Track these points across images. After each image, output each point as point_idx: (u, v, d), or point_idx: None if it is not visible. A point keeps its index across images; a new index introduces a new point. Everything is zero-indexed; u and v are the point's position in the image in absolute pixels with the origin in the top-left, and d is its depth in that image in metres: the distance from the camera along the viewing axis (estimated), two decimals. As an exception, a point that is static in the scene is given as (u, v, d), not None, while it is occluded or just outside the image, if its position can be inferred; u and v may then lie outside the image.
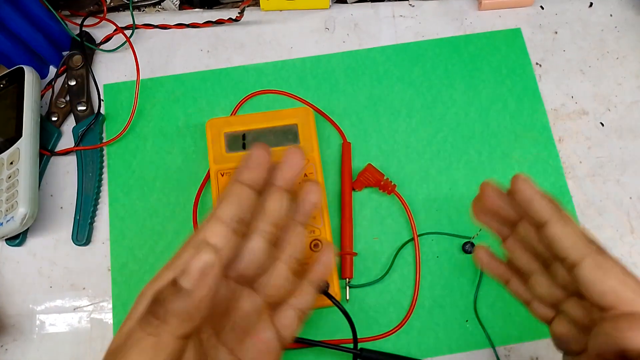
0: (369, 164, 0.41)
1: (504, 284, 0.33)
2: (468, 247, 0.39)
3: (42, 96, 0.44)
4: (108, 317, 0.39)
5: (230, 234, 0.25)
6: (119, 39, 0.46)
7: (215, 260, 0.22)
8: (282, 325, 0.29)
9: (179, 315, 0.22)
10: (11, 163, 0.39)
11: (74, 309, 0.40)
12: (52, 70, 0.47)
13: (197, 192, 0.41)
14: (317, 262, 0.31)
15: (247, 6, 0.46)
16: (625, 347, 0.24)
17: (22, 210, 0.38)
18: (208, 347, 0.26)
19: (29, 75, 0.42)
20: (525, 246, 0.31)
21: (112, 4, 0.48)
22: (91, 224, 0.41)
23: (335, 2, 0.48)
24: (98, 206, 0.42)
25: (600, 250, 0.27)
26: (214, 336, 0.27)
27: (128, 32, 0.46)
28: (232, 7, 0.49)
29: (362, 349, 0.37)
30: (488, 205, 0.31)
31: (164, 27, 0.47)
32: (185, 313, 0.22)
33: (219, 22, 0.47)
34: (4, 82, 0.42)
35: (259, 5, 0.48)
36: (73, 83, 0.45)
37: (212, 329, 0.27)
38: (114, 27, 0.46)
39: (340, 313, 0.34)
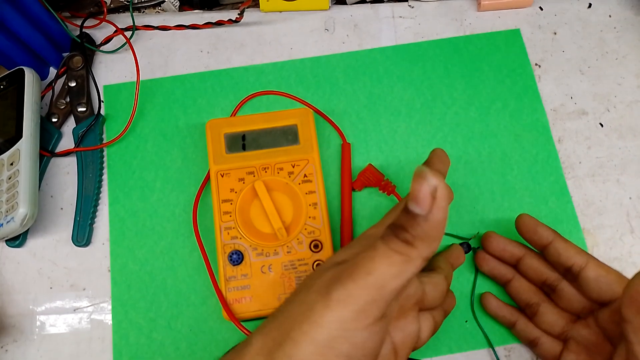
0: (370, 164, 0.41)
1: (510, 327, 0.37)
2: (465, 248, 0.39)
3: (42, 97, 0.44)
4: (108, 318, 0.39)
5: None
6: (119, 40, 0.46)
7: (441, 182, 0.22)
8: (422, 327, 0.31)
9: (424, 239, 0.23)
10: (11, 164, 0.40)
11: (74, 310, 0.40)
12: (52, 71, 0.47)
13: (197, 192, 0.41)
14: (449, 297, 0.35)
15: (247, 7, 0.46)
16: None
17: (22, 211, 0.38)
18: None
19: (29, 76, 0.42)
20: (530, 279, 0.36)
21: (112, 5, 0.49)
22: (91, 224, 0.41)
23: (335, 3, 0.49)
24: (98, 207, 0.42)
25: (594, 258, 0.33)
26: None
27: (128, 33, 0.46)
28: (232, 8, 0.49)
29: (362, 349, 0.37)
30: (494, 248, 0.37)
31: (163, 28, 0.47)
32: (428, 236, 0.23)
33: (219, 23, 0.47)
34: (4, 83, 0.42)
35: (259, 7, 0.48)
36: (73, 84, 0.45)
37: None
38: (114, 29, 0.46)
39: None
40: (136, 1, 0.49)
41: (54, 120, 0.44)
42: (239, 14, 0.46)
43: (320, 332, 0.24)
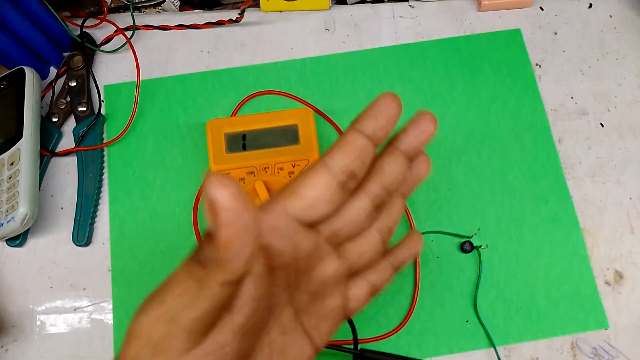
0: (369, 164, 0.41)
1: None
2: (467, 247, 0.39)
3: (42, 97, 0.44)
4: (108, 318, 0.39)
5: (335, 186, 0.23)
6: (119, 39, 0.46)
7: (226, 192, 0.19)
8: (352, 295, 0.27)
9: (216, 261, 0.20)
10: (12, 163, 0.40)
11: (75, 310, 0.40)
12: (53, 70, 0.47)
13: (197, 192, 0.41)
14: (404, 245, 0.29)
15: (248, 7, 0.46)
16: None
17: (22, 210, 0.38)
18: (276, 302, 0.24)
19: (30, 76, 0.42)
20: None
21: (112, 4, 0.49)
22: (91, 224, 0.41)
23: (335, 3, 0.49)
24: (98, 206, 0.42)
25: None
26: (286, 292, 0.25)
27: (128, 33, 0.46)
28: (233, 8, 0.49)
29: (362, 350, 0.37)
30: None
31: (164, 27, 0.47)
32: (218, 259, 0.20)
33: (220, 23, 0.47)
34: (4, 82, 0.42)
35: (259, 6, 0.48)
36: (74, 84, 0.45)
37: (288, 284, 0.25)
38: (115, 28, 0.46)
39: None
40: (136, 1, 0.49)
41: (55, 119, 0.44)
42: (239, 14, 0.46)
43: None
